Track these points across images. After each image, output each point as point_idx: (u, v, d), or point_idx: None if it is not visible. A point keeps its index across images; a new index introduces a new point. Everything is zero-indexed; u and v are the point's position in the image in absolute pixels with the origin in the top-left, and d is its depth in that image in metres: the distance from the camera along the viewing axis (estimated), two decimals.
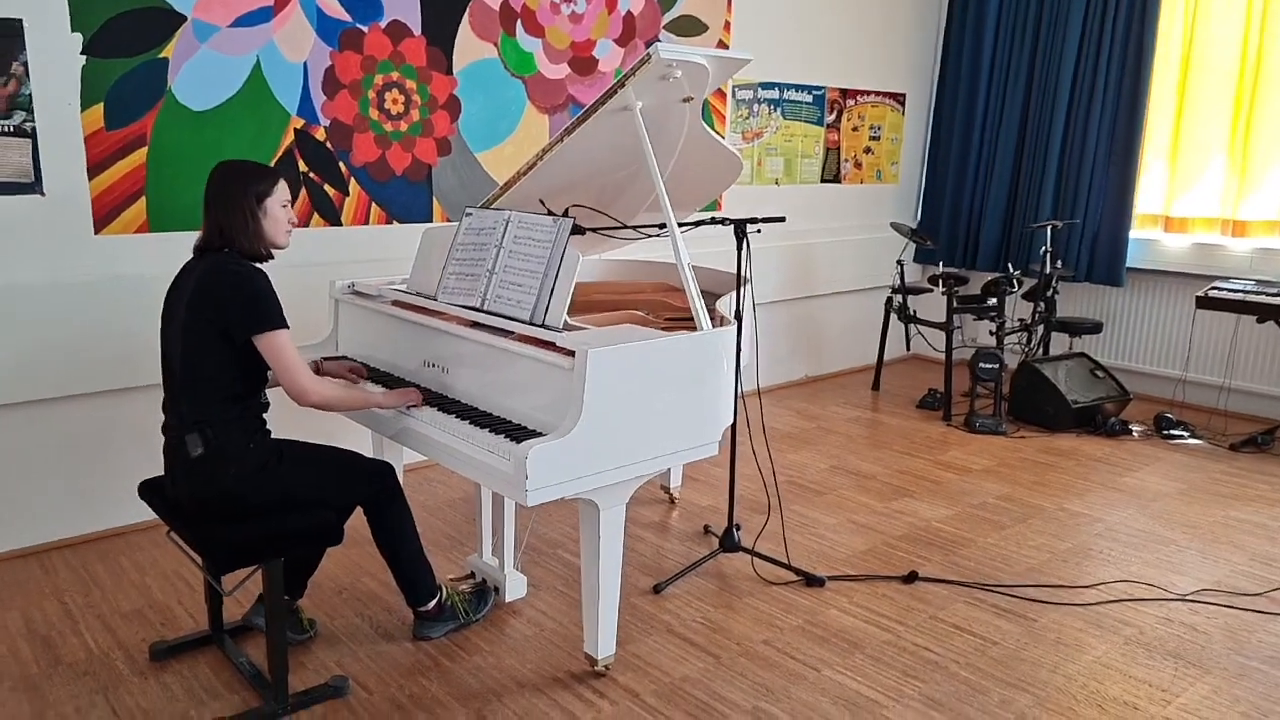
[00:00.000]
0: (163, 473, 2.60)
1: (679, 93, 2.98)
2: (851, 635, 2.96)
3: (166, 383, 2.54)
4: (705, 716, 2.53)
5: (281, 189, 2.55)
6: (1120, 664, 2.82)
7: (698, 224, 3.17)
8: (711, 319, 2.88)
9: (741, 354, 3.12)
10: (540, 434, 2.44)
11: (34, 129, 3.20)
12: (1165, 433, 5.05)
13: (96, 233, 3.38)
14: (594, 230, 3.08)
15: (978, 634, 2.98)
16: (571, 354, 2.40)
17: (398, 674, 2.71)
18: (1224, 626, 3.06)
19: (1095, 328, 5.56)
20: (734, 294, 3.18)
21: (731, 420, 2.87)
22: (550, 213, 2.88)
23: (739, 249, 3.14)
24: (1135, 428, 5.12)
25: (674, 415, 2.59)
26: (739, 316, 3.08)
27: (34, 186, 3.23)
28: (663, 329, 2.79)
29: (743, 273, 3.16)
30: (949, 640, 2.94)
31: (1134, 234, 5.71)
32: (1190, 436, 5.03)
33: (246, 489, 2.47)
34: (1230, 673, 2.79)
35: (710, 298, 3.41)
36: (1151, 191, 5.72)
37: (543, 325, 2.60)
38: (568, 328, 2.62)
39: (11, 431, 3.34)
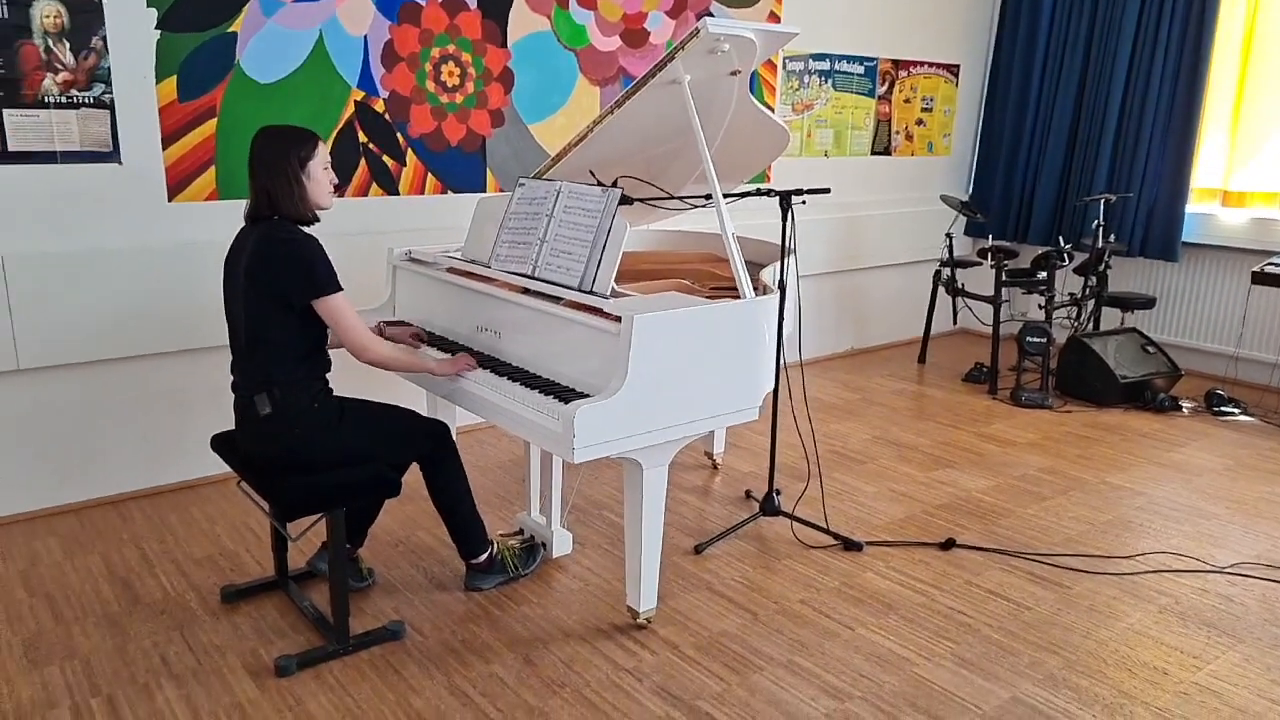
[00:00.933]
0: (233, 427, 2.77)
1: (727, 66, 3.04)
2: (886, 597, 3.05)
3: (233, 346, 2.69)
4: (742, 668, 2.64)
5: (322, 151, 2.62)
6: (1153, 631, 2.87)
7: (743, 195, 3.24)
8: (755, 288, 2.96)
9: (784, 324, 3.20)
10: (588, 395, 2.54)
11: (112, 101, 3.37)
12: (1216, 409, 5.02)
13: (170, 200, 3.55)
14: (642, 200, 3.17)
15: (1012, 599, 3.05)
16: (618, 319, 2.50)
17: (451, 621, 2.86)
18: (1261, 598, 3.08)
19: (1148, 303, 5.52)
20: (778, 264, 3.26)
21: (772, 386, 2.95)
22: (600, 183, 2.97)
23: (784, 220, 3.21)
24: (1185, 404, 5.09)
25: (716, 379, 2.68)
26: (782, 286, 3.15)
27: (112, 156, 3.41)
28: (707, 297, 2.88)
29: (787, 243, 3.22)
30: (983, 604, 3.01)
31: (1190, 208, 5.65)
32: (1241, 414, 4.99)
33: (312, 445, 2.62)
34: (1264, 643, 2.82)
35: (755, 268, 3.48)
36: (1210, 165, 5.64)
37: (591, 292, 2.71)
38: (615, 294, 2.72)
39: (91, 388, 3.54)
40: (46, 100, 3.25)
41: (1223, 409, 5.00)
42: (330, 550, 2.60)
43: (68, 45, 3.25)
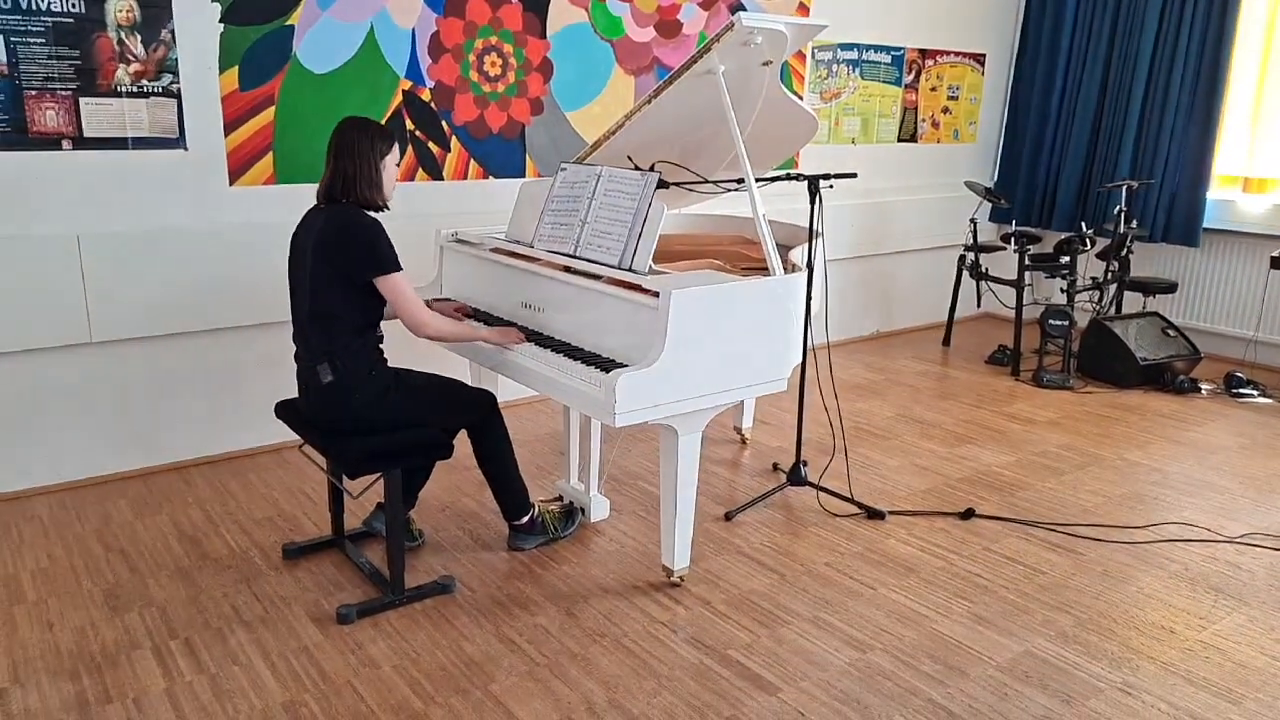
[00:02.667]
0: (294, 395, 2.97)
1: (759, 57, 3.20)
2: (908, 562, 3.21)
3: (295, 318, 2.89)
4: (770, 622, 2.82)
5: (396, 151, 2.86)
6: (1162, 594, 3.02)
7: (774, 179, 3.40)
8: (784, 268, 3.12)
9: (812, 303, 3.36)
10: (627, 366, 2.72)
11: (179, 90, 3.58)
12: (1234, 391, 5.13)
13: (231, 184, 3.77)
14: (677, 184, 3.35)
15: (1027, 564, 3.20)
16: (656, 295, 2.68)
17: (496, 577, 3.06)
18: (1268, 566, 3.22)
19: (1170, 287, 5.63)
20: (805, 246, 3.42)
21: (800, 359, 3.12)
22: (638, 168, 3.15)
23: (812, 204, 3.37)
24: (1205, 386, 5.20)
25: (747, 352, 2.85)
26: (810, 265, 3.32)
27: (179, 142, 3.63)
28: (739, 276, 3.05)
29: (815, 226, 3.39)
30: (999, 569, 3.17)
31: (1212, 195, 5.75)
32: (1260, 395, 5.10)
33: (370, 411, 2.82)
34: (1269, 606, 2.97)
35: (783, 249, 3.65)
36: (1232, 152, 5.73)
37: (630, 270, 2.89)
38: (652, 272, 2.89)
39: (157, 360, 3.77)
40: (119, 90, 3.46)
41: (1241, 391, 5.11)
42: (388, 506, 2.81)
43: (139, 38, 3.46)
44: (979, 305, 6.21)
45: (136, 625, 2.75)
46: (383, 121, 4.04)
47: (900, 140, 6.17)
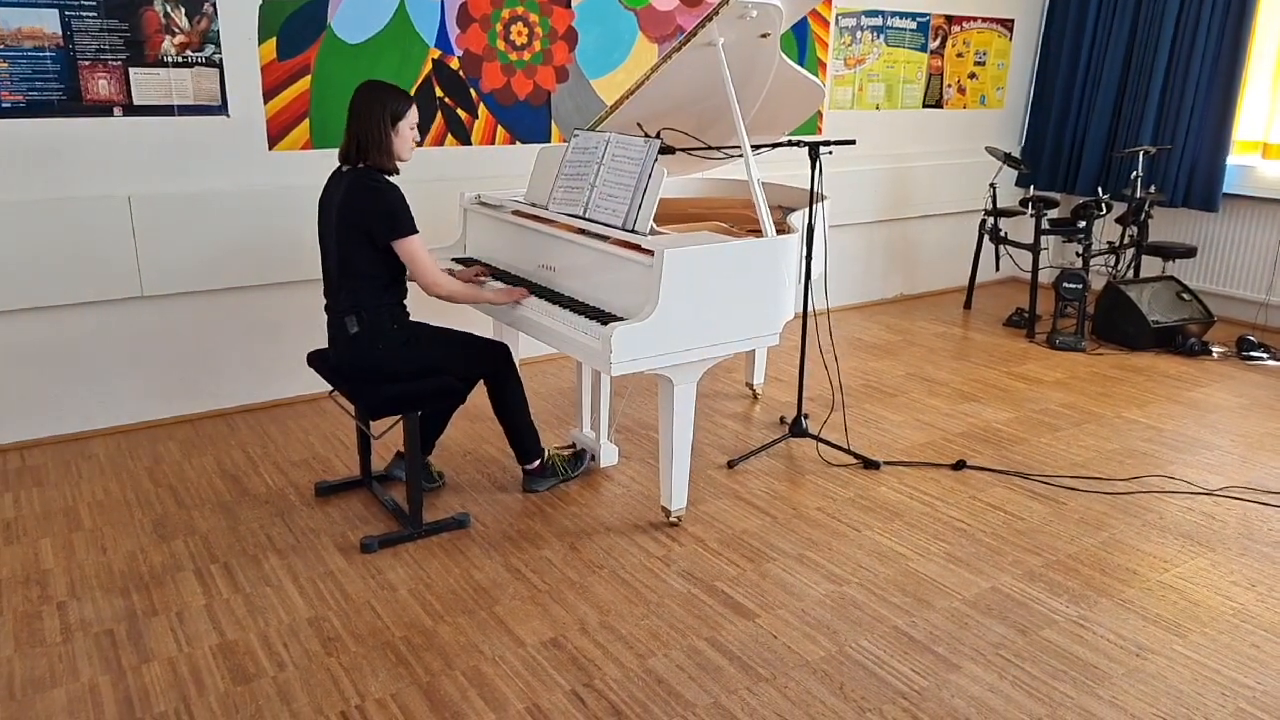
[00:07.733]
0: (326, 346, 3.24)
1: (757, 30, 3.36)
2: (895, 507, 3.41)
3: (326, 275, 3.14)
4: (758, 558, 3.04)
5: (413, 112, 3.03)
6: (1133, 541, 3.19)
7: (774, 146, 3.57)
8: (780, 230, 3.30)
9: (814, 264, 3.55)
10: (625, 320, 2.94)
11: (221, 60, 3.84)
12: (1245, 354, 5.20)
13: (270, 149, 4.03)
14: (684, 150, 3.53)
15: (1009, 512, 3.38)
16: (652, 253, 2.89)
17: (509, 515, 3.31)
18: (1241, 517, 3.36)
19: (1189, 252, 5.68)
20: (807, 209, 3.59)
21: (792, 315, 3.30)
22: (645, 135, 3.34)
23: (812, 169, 3.54)
24: (1216, 349, 5.28)
25: (738, 307, 3.05)
26: (810, 229, 3.50)
27: (221, 109, 3.89)
28: (735, 237, 3.23)
29: (816, 190, 3.55)
30: (981, 515, 3.35)
31: (1232, 160, 5.77)
32: (1270, 358, 5.17)
33: (392, 360, 3.07)
34: (1233, 552, 3.12)
35: (786, 211, 3.83)
36: (1253, 117, 5.75)
37: (632, 230, 3.09)
38: (653, 233, 3.09)
39: (202, 314, 4.07)
40: (165, 60, 3.73)
41: (1251, 354, 5.18)
42: (407, 447, 3.07)
43: (183, 10, 3.72)
44: (997, 269, 6.31)
45: (181, 551, 3.06)
46: (412, 89, 4.27)
47: (925, 106, 6.26)
